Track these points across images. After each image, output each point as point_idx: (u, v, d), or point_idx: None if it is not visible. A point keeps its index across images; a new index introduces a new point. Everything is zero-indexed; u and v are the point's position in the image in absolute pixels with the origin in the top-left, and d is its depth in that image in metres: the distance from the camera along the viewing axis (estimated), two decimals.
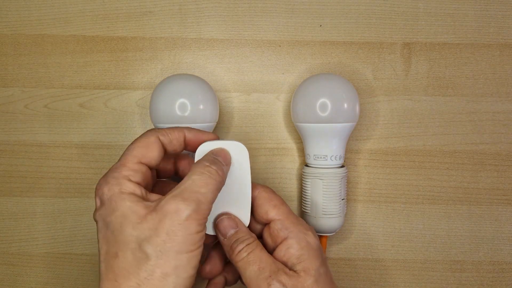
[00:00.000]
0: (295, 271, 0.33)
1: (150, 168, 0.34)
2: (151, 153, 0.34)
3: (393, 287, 0.47)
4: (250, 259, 0.33)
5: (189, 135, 0.36)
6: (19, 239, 0.47)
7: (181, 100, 0.40)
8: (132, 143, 0.34)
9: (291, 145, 0.46)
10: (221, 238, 0.35)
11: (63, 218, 0.46)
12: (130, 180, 0.32)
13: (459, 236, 0.47)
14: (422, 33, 0.46)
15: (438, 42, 0.46)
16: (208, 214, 0.31)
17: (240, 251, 0.33)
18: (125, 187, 0.31)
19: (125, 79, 0.46)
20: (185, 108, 0.40)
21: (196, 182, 0.31)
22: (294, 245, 0.34)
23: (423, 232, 0.47)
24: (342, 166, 0.42)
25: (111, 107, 0.46)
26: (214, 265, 0.38)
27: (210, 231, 0.36)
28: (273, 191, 0.37)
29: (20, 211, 0.46)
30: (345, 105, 0.41)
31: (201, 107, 0.41)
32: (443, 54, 0.46)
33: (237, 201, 0.36)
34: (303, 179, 0.43)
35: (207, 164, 0.32)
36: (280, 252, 0.34)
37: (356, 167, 0.46)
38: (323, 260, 0.34)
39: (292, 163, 0.46)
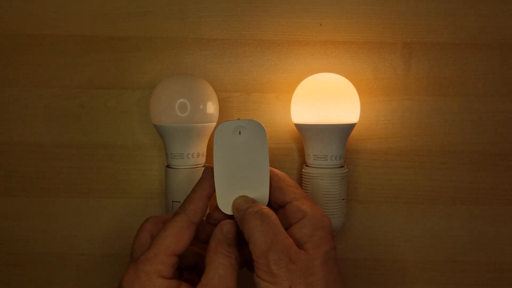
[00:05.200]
0: (304, 250, 0.32)
1: (180, 255, 0.34)
2: (184, 241, 0.33)
3: (393, 287, 0.47)
4: (264, 229, 0.32)
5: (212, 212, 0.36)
6: (19, 239, 0.47)
7: (181, 100, 0.40)
8: (164, 230, 0.33)
9: (291, 145, 0.46)
10: (236, 214, 0.35)
11: (63, 218, 0.46)
12: (163, 277, 0.32)
13: (459, 236, 0.47)
14: (422, 33, 0.46)
15: (438, 42, 0.46)
16: None
17: (253, 215, 0.33)
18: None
19: (125, 79, 0.46)
20: (185, 108, 0.40)
21: (222, 276, 0.31)
22: (309, 225, 0.33)
23: (423, 232, 0.47)
24: (342, 166, 0.42)
25: (111, 107, 0.46)
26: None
27: (228, 211, 0.35)
28: (289, 176, 0.37)
29: (20, 211, 0.46)
30: (346, 105, 0.41)
31: (201, 107, 0.41)
32: (443, 54, 0.46)
33: (255, 181, 0.35)
34: (303, 179, 0.43)
35: (227, 254, 0.32)
36: (293, 229, 0.34)
37: (356, 167, 0.46)
38: (334, 246, 0.34)
39: (292, 163, 0.46)
